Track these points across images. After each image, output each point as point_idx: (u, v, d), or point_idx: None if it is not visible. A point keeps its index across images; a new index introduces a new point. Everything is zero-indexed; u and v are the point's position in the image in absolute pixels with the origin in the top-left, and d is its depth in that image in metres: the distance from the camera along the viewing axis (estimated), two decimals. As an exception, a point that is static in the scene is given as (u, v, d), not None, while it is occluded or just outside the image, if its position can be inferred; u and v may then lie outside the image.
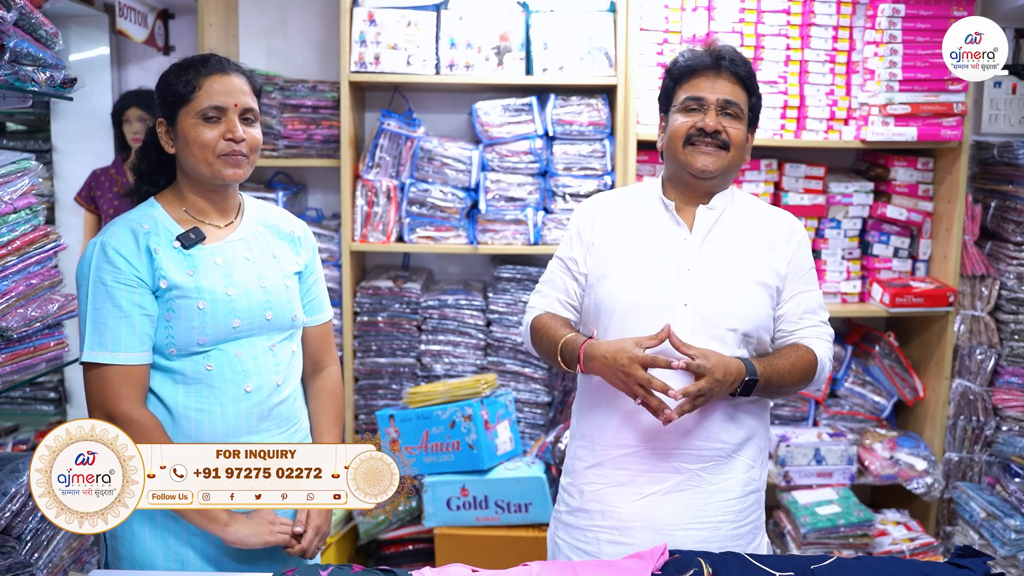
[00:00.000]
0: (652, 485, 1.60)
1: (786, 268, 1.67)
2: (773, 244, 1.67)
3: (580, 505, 1.66)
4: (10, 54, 1.91)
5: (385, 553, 2.91)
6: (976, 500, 2.84)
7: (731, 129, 1.62)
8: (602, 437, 1.64)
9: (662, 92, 1.74)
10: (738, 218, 1.68)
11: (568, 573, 1.41)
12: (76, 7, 3.00)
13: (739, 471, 1.63)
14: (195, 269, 1.55)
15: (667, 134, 1.68)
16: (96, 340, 1.50)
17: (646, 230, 1.67)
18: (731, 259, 1.63)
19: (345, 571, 1.41)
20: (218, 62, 1.57)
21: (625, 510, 1.61)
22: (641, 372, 1.48)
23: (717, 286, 1.61)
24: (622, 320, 1.60)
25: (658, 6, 2.95)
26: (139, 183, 1.66)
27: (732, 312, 1.59)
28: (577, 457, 1.69)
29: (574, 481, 1.69)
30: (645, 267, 1.63)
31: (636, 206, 1.72)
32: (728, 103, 1.62)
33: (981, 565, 1.45)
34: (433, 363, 3.07)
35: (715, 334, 1.57)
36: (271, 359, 1.62)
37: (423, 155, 3.00)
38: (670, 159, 1.69)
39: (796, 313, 1.67)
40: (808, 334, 1.67)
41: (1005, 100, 3.23)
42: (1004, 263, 3.06)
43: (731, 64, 1.64)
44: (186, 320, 1.53)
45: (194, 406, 1.55)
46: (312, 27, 3.27)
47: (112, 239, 1.53)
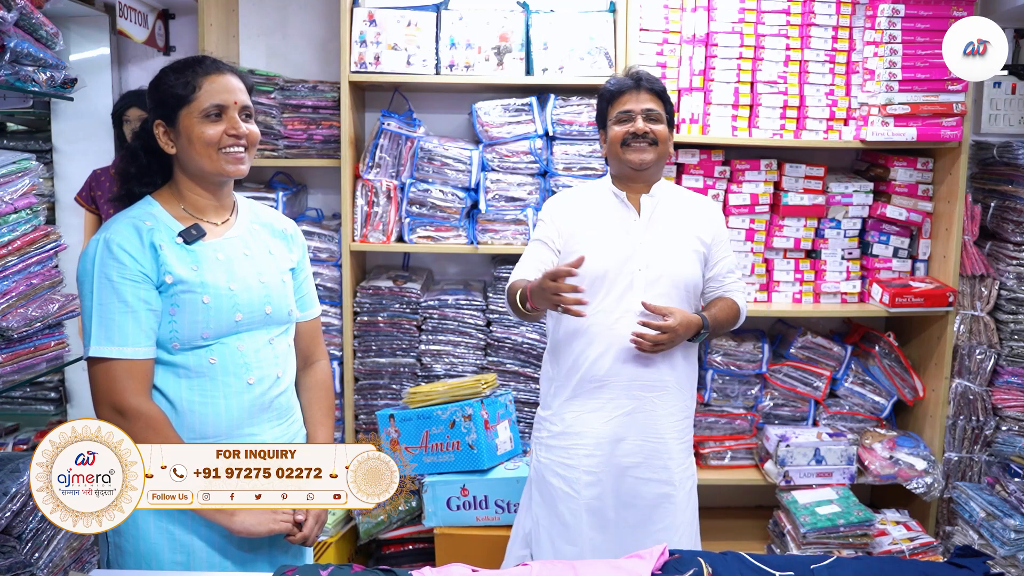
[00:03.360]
0: (617, 410, 2.09)
1: (710, 239, 2.18)
2: (699, 221, 2.18)
3: (563, 429, 2.13)
4: (11, 54, 1.92)
5: (385, 553, 2.91)
6: (976, 500, 2.85)
7: (656, 129, 2.10)
8: (576, 376, 2.10)
9: (598, 113, 2.21)
10: (672, 203, 2.18)
11: (568, 572, 1.41)
12: (76, 7, 3.00)
13: (679, 399, 2.13)
14: (199, 264, 1.58)
15: (608, 143, 2.15)
16: (103, 335, 1.52)
17: (604, 215, 2.14)
18: (671, 234, 2.13)
19: (345, 571, 1.42)
20: (213, 63, 1.62)
21: (599, 430, 2.09)
22: (550, 283, 1.82)
23: (663, 255, 2.10)
24: (591, 286, 2.03)
25: (658, 6, 2.95)
26: (130, 186, 1.66)
27: (675, 274, 2.09)
28: (556, 395, 2.16)
29: (555, 411, 2.16)
30: (606, 244, 2.09)
31: (594, 198, 2.19)
32: (650, 111, 2.10)
33: (981, 565, 1.45)
34: (433, 363, 3.07)
35: (663, 291, 2.07)
36: (270, 352, 1.66)
37: (423, 155, 3.00)
38: (614, 160, 2.16)
39: (722, 273, 2.21)
40: (732, 288, 2.23)
41: (1005, 100, 3.23)
42: (1004, 263, 3.06)
43: (647, 82, 2.13)
44: (191, 315, 1.56)
45: (198, 399, 1.58)
46: (312, 27, 3.27)
47: (116, 235, 1.55)
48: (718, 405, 3.13)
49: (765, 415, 3.15)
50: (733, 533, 3.20)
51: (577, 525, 2.10)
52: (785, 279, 3.13)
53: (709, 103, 3.00)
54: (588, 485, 2.10)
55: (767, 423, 3.13)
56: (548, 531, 2.15)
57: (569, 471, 2.11)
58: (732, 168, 3.07)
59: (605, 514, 2.10)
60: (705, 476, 3.09)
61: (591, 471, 2.10)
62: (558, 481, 2.13)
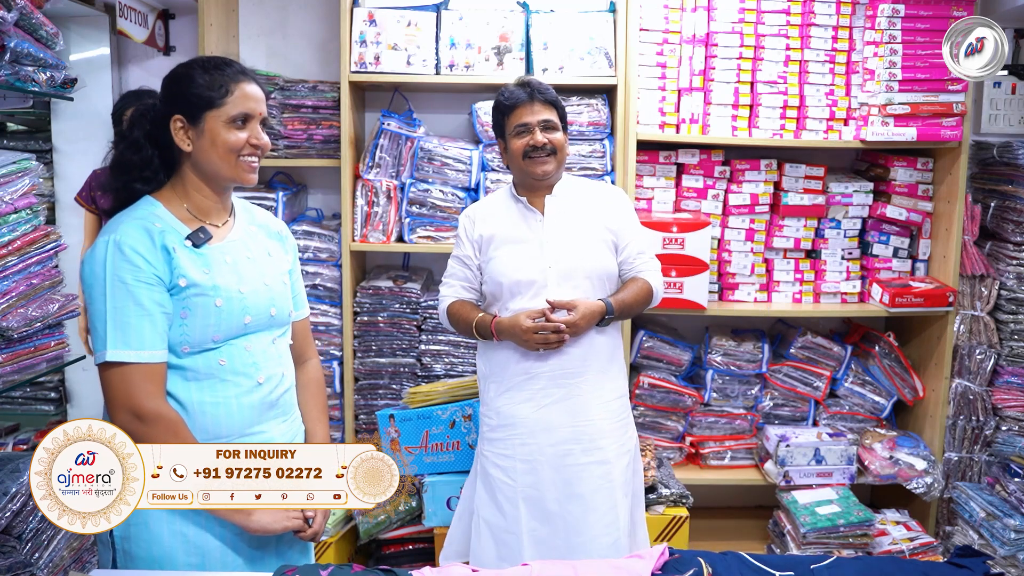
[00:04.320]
0: (546, 398, 2.16)
1: (616, 224, 2.23)
2: (602, 208, 2.24)
3: (499, 422, 2.21)
4: (11, 54, 1.92)
5: (385, 553, 2.91)
6: (976, 500, 2.85)
7: (554, 138, 2.18)
8: (507, 371, 2.19)
9: (495, 124, 2.28)
10: (574, 196, 2.25)
11: (568, 572, 1.42)
12: (76, 7, 3.00)
13: (606, 380, 2.20)
14: (209, 268, 1.58)
15: (509, 154, 2.23)
16: (119, 338, 1.50)
17: (510, 222, 2.23)
18: (576, 227, 2.20)
19: (345, 571, 1.42)
20: (242, 69, 1.63)
21: (530, 419, 2.16)
22: (536, 336, 2.08)
23: (570, 249, 2.17)
24: (511, 287, 2.16)
25: (658, 6, 2.95)
26: (128, 179, 1.61)
27: (584, 265, 2.17)
28: (488, 391, 2.25)
29: (490, 406, 2.24)
30: (516, 247, 2.19)
31: (500, 206, 2.28)
32: (547, 121, 2.18)
33: (980, 565, 1.45)
34: (433, 363, 3.07)
35: (575, 283, 2.15)
36: (274, 352, 1.68)
37: (423, 155, 3.00)
38: (517, 170, 2.24)
39: (632, 254, 2.25)
40: (644, 267, 2.25)
41: (1005, 100, 3.23)
42: (1004, 263, 3.06)
43: (540, 93, 2.19)
44: (202, 318, 1.56)
45: (209, 400, 1.58)
46: (312, 27, 3.27)
47: (127, 237, 1.52)
48: (718, 405, 3.13)
49: (765, 415, 3.15)
50: (733, 533, 3.20)
51: (515, 514, 2.15)
52: (785, 279, 3.13)
53: (709, 103, 3.00)
54: (524, 473, 2.15)
55: (767, 423, 3.13)
56: (488, 522, 2.20)
57: (506, 460, 2.18)
58: (732, 168, 3.07)
59: (546, 506, 2.14)
60: (705, 476, 3.09)
61: (526, 459, 2.16)
62: (497, 472, 2.19)
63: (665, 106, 2.99)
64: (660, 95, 2.98)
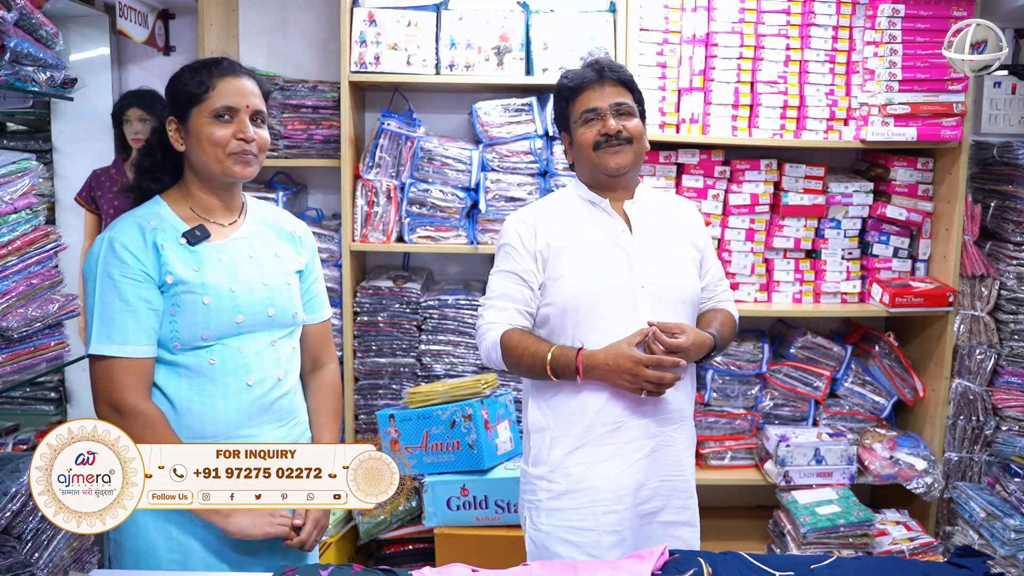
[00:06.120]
0: (635, 453, 1.78)
1: (702, 243, 1.95)
2: (686, 224, 1.93)
3: (569, 487, 1.79)
4: (10, 54, 1.91)
5: (385, 553, 2.91)
6: (976, 500, 2.84)
7: (629, 125, 1.82)
8: (582, 421, 1.78)
9: (557, 114, 1.93)
10: (655, 207, 1.91)
11: (568, 573, 1.41)
12: (76, 7, 3.00)
13: (689, 426, 1.90)
14: (200, 265, 1.59)
15: (575, 147, 1.87)
16: (103, 333, 1.53)
17: (588, 230, 1.84)
18: (665, 242, 1.86)
19: (345, 571, 1.42)
20: (230, 65, 1.64)
21: (618, 480, 1.78)
22: (650, 372, 1.68)
23: (664, 267, 1.83)
24: (588, 312, 1.77)
25: (658, 6, 2.95)
26: (141, 180, 1.69)
27: (679, 288, 1.83)
28: (546, 446, 1.82)
29: (552, 466, 1.81)
30: (600, 262, 1.80)
31: (567, 211, 1.88)
32: (620, 105, 1.82)
33: (980, 565, 1.45)
34: (433, 363, 3.07)
35: (670, 308, 1.80)
36: (272, 354, 1.67)
37: (423, 155, 3.00)
38: (585, 166, 1.87)
39: (713, 281, 1.97)
40: (723, 297, 1.99)
41: (1005, 100, 3.23)
42: (1004, 263, 3.06)
43: (612, 71, 1.84)
44: (191, 315, 1.57)
45: (197, 399, 1.59)
46: (312, 27, 3.27)
47: (119, 234, 1.57)
48: (718, 405, 3.13)
49: (765, 415, 3.15)
50: (733, 533, 3.19)
51: None
52: (785, 279, 3.13)
53: (709, 103, 3.00)
54: (612, 547, 1.76)
55: (767, 423, 3.13)
56: None
57: (585, 535, 1.77)
58: (732, 168, 3.07)
59: None
60: (705, 476, 3.09)
61: (614, 530, 1.77)
62: (570, 550, 1.77)
63: (665, 106, 2.99)
64: (660, 95, 2.98)
